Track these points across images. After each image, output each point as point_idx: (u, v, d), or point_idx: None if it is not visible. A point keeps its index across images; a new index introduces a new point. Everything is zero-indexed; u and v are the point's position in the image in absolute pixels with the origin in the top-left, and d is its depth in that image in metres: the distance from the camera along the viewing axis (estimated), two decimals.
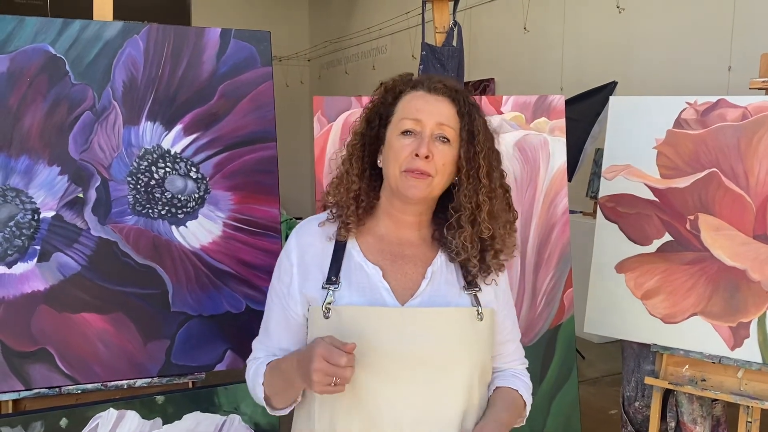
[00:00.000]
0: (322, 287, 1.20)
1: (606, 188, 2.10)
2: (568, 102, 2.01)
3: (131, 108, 1.61)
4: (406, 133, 1.18)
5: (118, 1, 1.72)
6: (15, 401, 1.56)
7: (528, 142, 1.87)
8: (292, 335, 1.25)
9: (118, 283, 1.61)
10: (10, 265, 1.53)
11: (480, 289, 1.23)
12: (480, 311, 1.20)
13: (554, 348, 1.92)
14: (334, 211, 1.25)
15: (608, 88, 4.26)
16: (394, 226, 1.25)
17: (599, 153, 4.56)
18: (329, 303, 1.18)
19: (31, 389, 1.55)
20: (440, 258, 1.24)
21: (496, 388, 1.26)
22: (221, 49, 1.69)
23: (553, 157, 1.90)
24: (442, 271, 1.23)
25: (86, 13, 1.69)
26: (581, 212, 4.85)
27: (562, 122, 1.92)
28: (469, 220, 1.20)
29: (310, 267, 1.23)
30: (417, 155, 1.15)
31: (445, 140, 1.17)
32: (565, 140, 1.92)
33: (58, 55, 1.56)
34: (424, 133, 1.17)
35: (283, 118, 5.87)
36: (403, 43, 7.37)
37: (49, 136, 1.56)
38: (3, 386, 1.53)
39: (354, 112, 1.79)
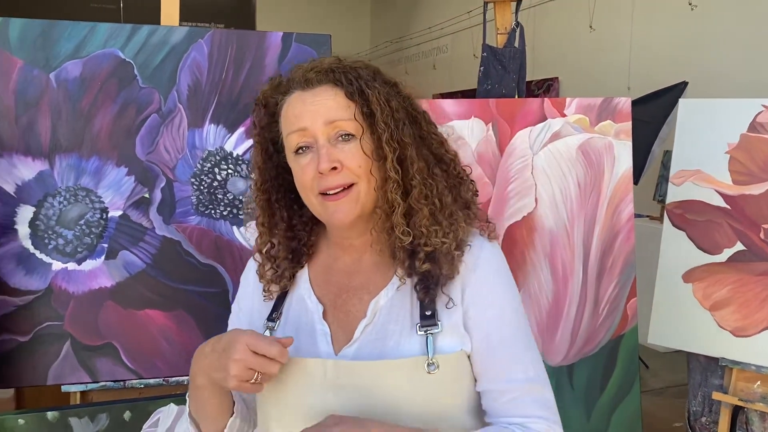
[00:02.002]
0: (264, 324, 1.02)
1: (674, 194, 2.02)
2: (635, 102, 1.94)
3: (195, 111, 1.65)
4: (299, 151, 0.95)
5: (187, 5, 1.77)
6: (82, 393, 1.62)
7: (592, 146, 1.82)
8: None
9: (180, 281, 1.65)
10: (79, 262, 1.60)
11: (438, 328, 0.93)
12: (432, 360, 0.91)
13: (616, 359, 1.86)
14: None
15: (678, 89, 4.11)
16: (342, 251, 1.03)
17: (668, 155, 4.40)
18: None
19: (97, 382, 1.61)
20: (392, 287, 0.98)
21: None
22: (283, 52, 1.71)
23: (619, 161, 1.84)
24: (391, 305, 0.97)
25: (157, 15, 1.74)
26: (648, 216, 4.70)
27: (628, 125, 1.86)
28: (386, 228, 0.96)
29: (260, 296, 1.06)
30: (321, 173, 0.93)
31: (348, 137, 0.94)
32: (631, 144, 1.86)
33: (127, 59, 1.61)
34: (318, 143, 0.93)
35: None
36: (465, 42, 7.31)
37: (118, 137, 1.61)
38: (72, 378, 1.59)
39: None
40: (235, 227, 1.69)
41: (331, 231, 1.02)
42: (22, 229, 1.56)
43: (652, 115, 4.04)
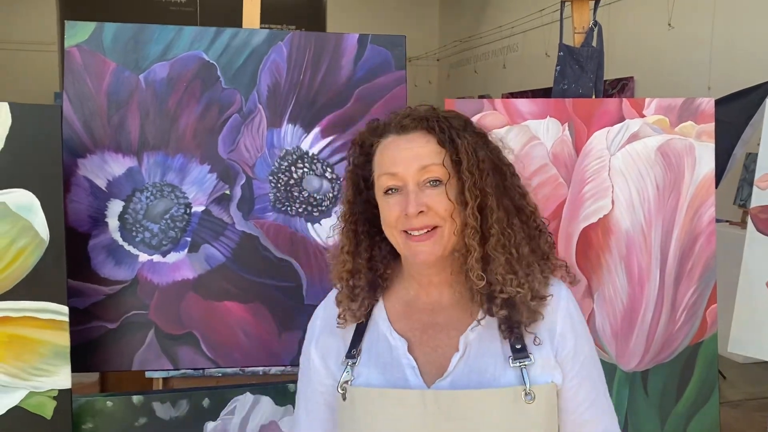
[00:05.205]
0: (342, 362, 1.06)
1: (758, 198, 1.94)
2: (717, 103, 1.87)
3: (274, 111, 1.71)
4: (388, 192, 1.02)
5: (261, 7, 1.82)
6: (164, 380, 1.70)
7: (672, 148, 1.77)
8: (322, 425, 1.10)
9: (257, 275, 1.70)
10: (164, 255, 1.67)
11: (531, 360, 0.99)
12: (529, 390, 0.97)
13: (693, 366, 1.81)
14: (338, 287, 1.11)
15: (763, 89, 3.92)
16: (422, 288, 1.08)
17: (750, 158, 4.22)
18: (346, 381, 1.03)
19: (178, 369, 1.68)
20: (477, 323, 1.03)
21: None
22: (358, 53, 1.74)
23: (700, 163, 1.78)
24: (480, 339, 1.02)
25: (232, 17, 1.80)
26: (727, 221, 4.51)
27: (710, 127, 1.80)
28: (462, 270, 1.02)
29: (334, 338, 1.10)
30: (407, 214, 0.99)
31: (436, 182, 1.00)
32: (713, 146, 1.80)
33: (210, 61, 1.68)
34: (408, 187, 1.00)
35: None
36: (536, 41, 7.20)
37: (201, 136, 1.68)
38: (155, 365, 1.67)
39: (486, 115, 1.77)
40: (309, 224, 1.73)
41: (411, 267, 1.07)
42: (112, 222, 1.65)
43: (734, 115, 3.87)
